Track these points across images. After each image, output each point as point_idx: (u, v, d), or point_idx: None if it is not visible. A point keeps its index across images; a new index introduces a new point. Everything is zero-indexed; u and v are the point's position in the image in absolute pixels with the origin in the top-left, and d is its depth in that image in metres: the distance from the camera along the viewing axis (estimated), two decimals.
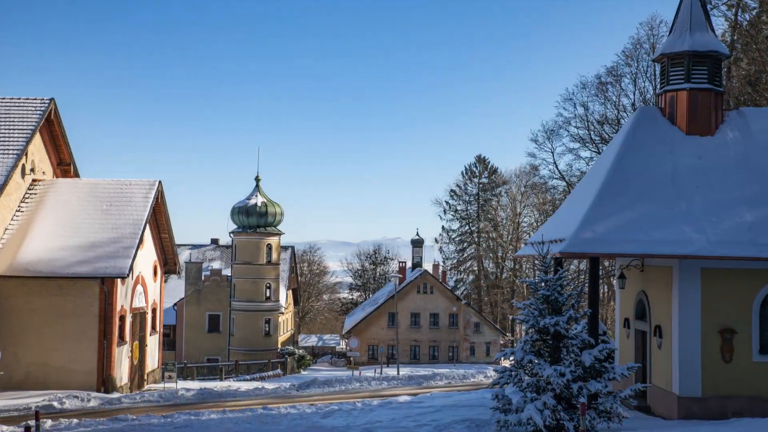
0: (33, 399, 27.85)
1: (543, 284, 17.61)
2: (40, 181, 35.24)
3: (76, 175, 37.89)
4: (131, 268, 32.30)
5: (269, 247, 65.98)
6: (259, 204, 65.38)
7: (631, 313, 23.38)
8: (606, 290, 62.17)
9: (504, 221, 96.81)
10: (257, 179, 67.69)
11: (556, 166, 63.71)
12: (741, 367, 19.63)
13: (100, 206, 34.33)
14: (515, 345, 22.03)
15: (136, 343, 35.83)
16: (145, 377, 37.39)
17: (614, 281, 28.36)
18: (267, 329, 65.97)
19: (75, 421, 22.66)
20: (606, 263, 50.29)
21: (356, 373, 48.14)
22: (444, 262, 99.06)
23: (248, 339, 65.08)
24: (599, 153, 53.45)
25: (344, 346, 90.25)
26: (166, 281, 52.22)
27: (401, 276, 79.07)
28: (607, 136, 55.30)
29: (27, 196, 34.27)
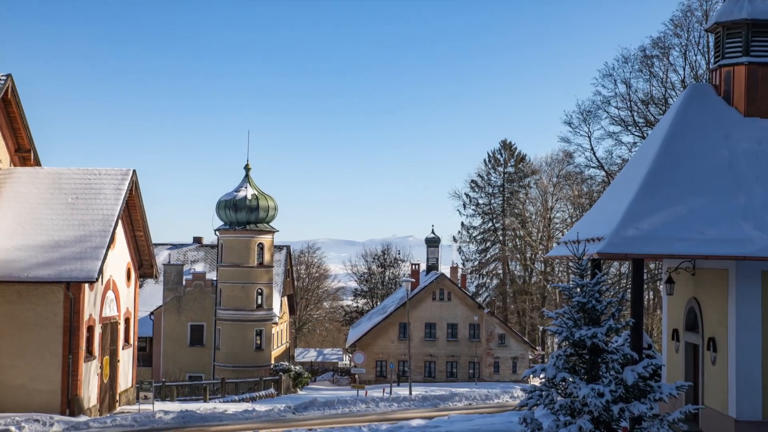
0: None
1: (578, 290, 17.56)
2: None
3: (37, 163, 37.96)
4: (101, 272, 32.36)
5: (261, 246, 66.07)
6: (249, 197, 65.46)
7: (680, 323, 23.31)
8: (651, 297, 62.10)
9: (533, 217, 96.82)
10: (247, 168, 67.78)
11: (594, 153, 63.67)
12: None
13: (64, 199, 34.40)
14: (546, 360, 21.91)
15: (107, 358, 35.93)
16: (117, 398, 37.50)
17: (661, 286, 28.29)
18: (258, 342, 66.08)
19: None
20: (651, 265, 50.18)
21: (362, 392, 48.17)
22: (464, 264, 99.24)
23: (236, 353, 65.19)
24: (644, 137, 53.34)
25: (348, 362, 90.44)
26: (141, 286, 52.37)
27: (414, 280, 79.04)
28: (652, 118, 55.19)
29: None
